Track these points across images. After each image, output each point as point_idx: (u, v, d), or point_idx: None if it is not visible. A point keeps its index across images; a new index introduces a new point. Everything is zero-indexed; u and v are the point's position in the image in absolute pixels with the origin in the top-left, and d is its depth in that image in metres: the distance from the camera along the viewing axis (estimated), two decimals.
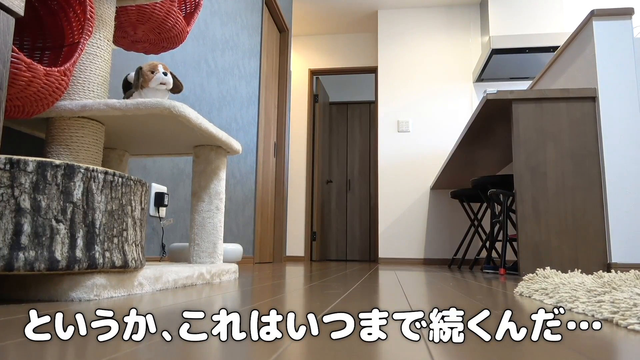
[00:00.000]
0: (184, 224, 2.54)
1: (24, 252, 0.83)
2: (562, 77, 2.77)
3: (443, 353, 0.49)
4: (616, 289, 0.96)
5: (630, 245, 2.20)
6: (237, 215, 3.42)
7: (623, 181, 2.25)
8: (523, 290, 1.20)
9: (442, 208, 5.04)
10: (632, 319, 0.69)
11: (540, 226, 2.27)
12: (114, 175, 1.00)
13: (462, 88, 5.25)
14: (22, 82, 1.06)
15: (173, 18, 1.59)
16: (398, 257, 5.00)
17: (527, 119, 2.37)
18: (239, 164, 3.49)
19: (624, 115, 2.31)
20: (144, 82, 1.42)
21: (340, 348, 0.51)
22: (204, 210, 1.63)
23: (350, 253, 6.75)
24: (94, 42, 1.33)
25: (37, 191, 0.87)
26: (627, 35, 2.37)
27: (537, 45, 4.42)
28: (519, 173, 2.33)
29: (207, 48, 2.85)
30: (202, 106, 2.77)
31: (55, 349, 0.49)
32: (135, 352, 0.47)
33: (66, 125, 1.26)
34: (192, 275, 1.37)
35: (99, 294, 0.96)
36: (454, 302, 0.99)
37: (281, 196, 4.64)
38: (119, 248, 1.01)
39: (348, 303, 0.94)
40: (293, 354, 0.48)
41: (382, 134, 5.25)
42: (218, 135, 1.54)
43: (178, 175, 2.48)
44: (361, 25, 5.79)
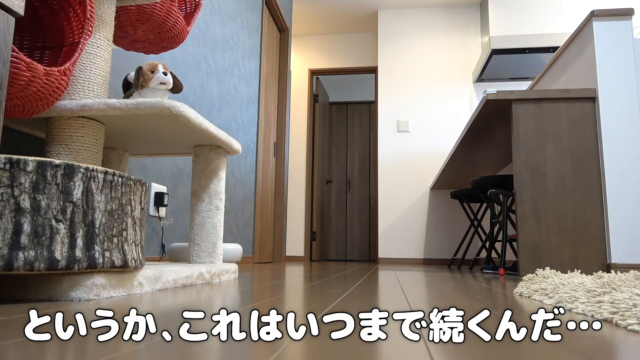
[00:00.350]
0: (183, 223, 2.54)
1: (23, 251, 0.83)
2: (562, 78, 2.77)
3: (443, 353, 0.49)
4: (616, 290, 0.96)
5: (629, 246, 2.21)
6: (236, 215, 3.42)
7: (623, 182, 2.25)
8: (523, 291, 1.20)
9: (442, 208, 5.04)
10: (631, 319, 0.69)
11: (540, 226, 2.27)
12: (114, 175, 1.00)
13: (462, 88, 5.25)
14: (22, 82, 1.06)
15: (173, 18, 1.59)
16: (398, 257, 5.00)
17: (527, 119, 2.37)
18: (239, 163, 3.48)
19: (624, 116, 2.31)
20: (144, 82, 1.42)
21: (340, 348, 0.51)
22: (204, 210, 1.63)
23: (350, 253, 6.75)
24: (94, 42, 1.33)
25: (37, 191, 0.87)
26: (627, 35, 2.37)
27: (537, 46, 4.42)
28: (518, 173, 2.33)
29: (207, 48, 2.85)
30: (202, 106, 2.77)
31: (55, 349, 0.49)
32: (135, 352, 0.47)
33: (66, 125, 1.26)
34: (191, 275, 1.37)
35: (99, 293, 0.95)
36: (454, 302, 0.99)
37: (281, 196, 4.64)
38: (119, 248, 1.01)
39: (348, 303, 0.94)
40: (293, 354, 0.48)
41: (382, 134, 5.25)
42: (218, 135, 1.54)
43: (178, 175, 2.48)
44: (361, 25, 5.79)
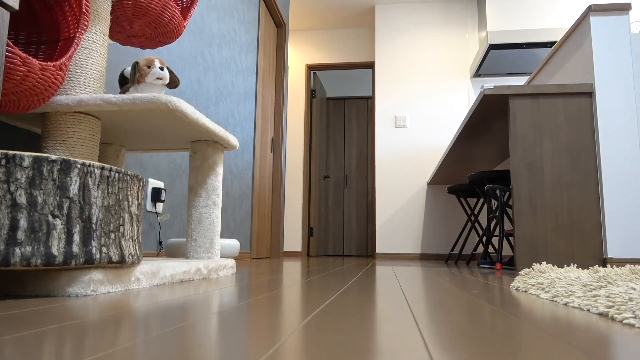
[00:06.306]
0: (181, 219, 2.54)
1: (20, 247, 0.83)
2: (559, 73, 2.77)
3: (439, 346, 0.49)
4: (612, 284, 0.96)
5: (625, 240, 2.21)
6: (234, 210, 3.42)
7: (619, 176, 2.26)
8: (519, 285, 1.21)
9: (439, 203, 5.05)
10: (627, 313, 0.69)
11: (536, 221, 2.28)
12: (111, 171, 1.00)
13: (460, 83, 5.25)
14: (18, 77, 1.05)
15: (169, 12, 1.58)
16: (395, 253, 5.02)
17: (524, 114, 2.37)
18: (236, 159, 3.48)
19: (620, 111, 2.31)
20: (140, 77, 1.42)
21: (337, 342, 0.51)
22: (201, 205, 1.63)
23: (347, 248, 6.76)
24: (89, 37, 1.32)
25: (33, 186, 0.86)
26: (624, 30, 2.37)
27: (534, 41, 4.42)
28: (515, 168, 2.34)
29: (203, 43, 2.84)
30: (199, 101, 2.77)
31: (53, 343, 0.49)
32: (132, 347, 0.47)
33: (62, 120, 1.26)
34: (189, 271, 1.37)
35: (96, 289, 0.95)
36: (451, 297, 0.99)
37: (278, 191, 4.63)
38: (116, 243, 1.00)
39: (346, 298, 0.94)
40: (290, 348, 0.48)
41: (380, 129, 5.25)
42: (215, 131, 1.54)
43: (175, 170, 2.47)
44: (358, 20, 5.77)
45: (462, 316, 0.71)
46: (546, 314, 0.76)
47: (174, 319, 0.65)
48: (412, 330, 0.59)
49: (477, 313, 0.75)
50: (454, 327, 0.61)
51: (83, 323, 0.61)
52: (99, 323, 0.61)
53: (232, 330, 0.57)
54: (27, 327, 0.57)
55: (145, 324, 0.61)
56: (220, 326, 0.60)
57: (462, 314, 0.73)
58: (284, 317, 0.68)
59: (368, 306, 0.82)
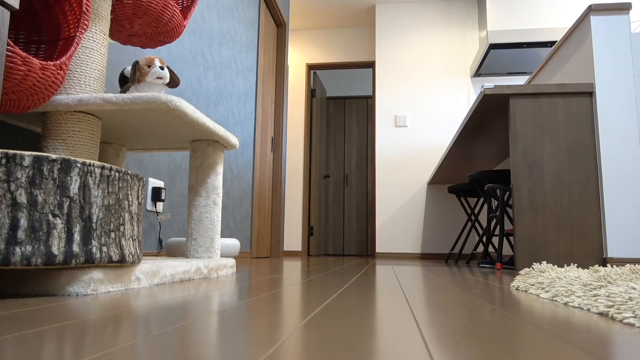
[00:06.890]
0: (181, 218, 2.54)
1: (20, 246, 0.83)
2: (560, 72, 2.77)
3: (439, 346, 0.49)
4: (612, 283, 0.96)
5: (626, 240, 2.21)
6: (234, 210, 3.42)
7: (619, 176, 2.26)
8: (519, 285, 1.21)
9: (439, 203, 5.05)
10: (627, 312, 0.69)
11: (536, 221, 2.28)
12: (111, 170, 1.00)
13: (460, 83, 5.24)
14: (18, 76, 1.05)
15: (169, 12, 1.58)
16: (395, 252, 5.02)
17: (524, 114, 2.37)
18: (236, 158, 3.48)
19: (620, 111, 2.31)
20: (140, 77, 1.42)
21: (337, 341, 0.51)
22: (201, 205, 1.63)
23: (347, 248, 6.76)
24: (90, 36, 1.32)
25: (34, 186, 0.86)
26: (625, 30, 2.37)
27: (534, 40, 4.42)
28: (515, 168, 2.34)
29: (203, 42, 2.84)
30: (199, 101, 2.77)
31: (53, 343, 0.49)
32: (132, 347, 0.47)
33: (62, 120, 1.26)
34: (189, 270, 1.37)
35: (96, 288, 0.95)
36: (451, 296, 0.99)
37: (278, 191, 4.63)
38: (116, 243, 1.00)
39: (346, 297, 0.94)
40: (290, 347, 0.48)
41: (380, 128, 5.25)
42: (215, 130, 1.54)
43: (175, 169, 2.47)
44: (359, 19, 5.77)
45: (462, 316, 0.71)
46: (546, 313, 0.76)
47: (174, 318, 0.65)
48: (412, 330, 0.59)
49: (477, 312, 0.75)
50: (454, 327, 0.61)
51: (83, 322, 0.61)
52: (99, 322, 0.61)
53: (232, 330, 0.57)
54: (27, 327, 0.57)
55: (146, 323, 0.61)
56: (220, 325, 0.60)
57: (462, 314, 0.73)
58: (284, 316, 0.68)
59: (368, 306, 0.82)
